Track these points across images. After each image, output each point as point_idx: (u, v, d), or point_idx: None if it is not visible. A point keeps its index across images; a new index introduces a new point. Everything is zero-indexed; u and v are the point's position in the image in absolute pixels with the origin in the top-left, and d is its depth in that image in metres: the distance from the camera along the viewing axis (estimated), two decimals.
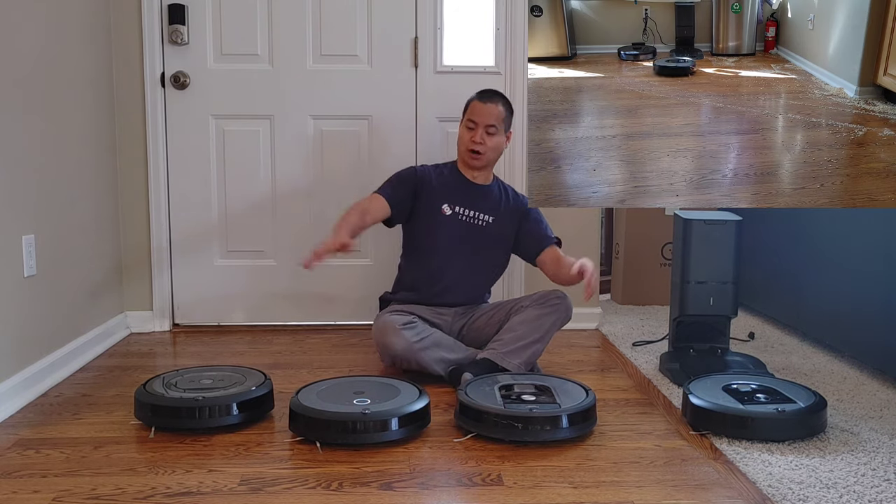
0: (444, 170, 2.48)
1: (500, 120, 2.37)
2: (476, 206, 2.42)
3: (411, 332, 2.20)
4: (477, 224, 2.42)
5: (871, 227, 2.38)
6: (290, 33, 2.82)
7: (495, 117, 2.36)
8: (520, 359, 2.19)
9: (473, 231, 2.41)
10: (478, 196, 2.43)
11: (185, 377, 2.00)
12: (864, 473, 1.62)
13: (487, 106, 2.36)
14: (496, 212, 2.44)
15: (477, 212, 2.42)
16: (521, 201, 2.52)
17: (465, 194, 2.42)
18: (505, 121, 2.39)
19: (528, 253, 2.48)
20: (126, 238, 2.83)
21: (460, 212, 2.40)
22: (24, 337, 2.10)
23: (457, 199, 2.41)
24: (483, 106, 2.36)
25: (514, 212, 2.47)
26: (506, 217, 2.45)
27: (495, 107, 2.36)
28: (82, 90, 2.51)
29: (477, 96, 2.40)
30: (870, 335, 2.35)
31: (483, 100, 2.38)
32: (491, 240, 2.43)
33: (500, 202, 2.46)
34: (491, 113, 2.35)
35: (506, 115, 2.39)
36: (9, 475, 1.60)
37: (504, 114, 2.38)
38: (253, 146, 2.87)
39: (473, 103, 2.39)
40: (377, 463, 1.66)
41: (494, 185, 2.49)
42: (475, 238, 2.41)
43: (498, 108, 2.37)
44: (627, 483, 1.57)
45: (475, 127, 2.36)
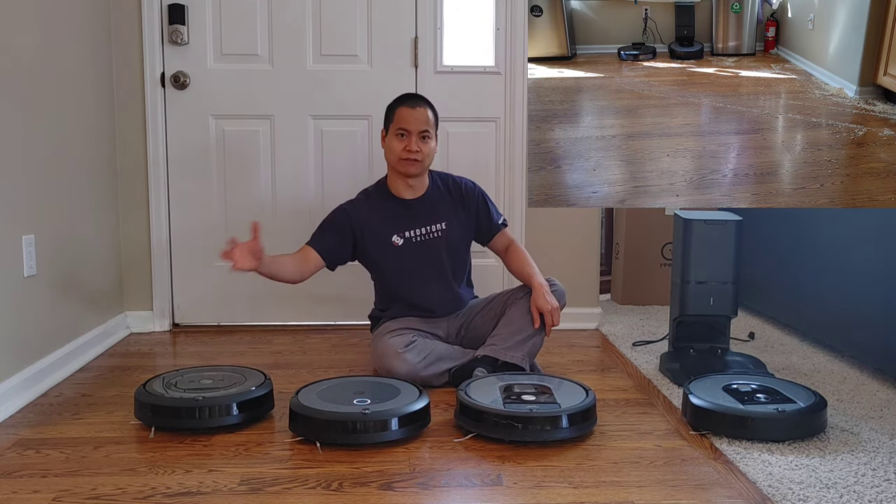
0: (376, 197, 2.35)
1: (431, 124, 2.27)
2: (424, 221, 2.33)
3: (413, 354, 2.16)
4: (433, 237, 2.33)
5: (871, 227, 2.38)
6: (290, 33, 2.82)
7: (427, 122, 2.25)
8: (521, 352, 2.18)
9: (433, 246, 2.33)
10: (421, 211, 2.33)
11: (185, 377, 2.00)
12: (864, 473, 1.62)
13: (417, 111, 2.25)
14: (446, 214, 2.35)
15: (427, 226, 2.33)
16: (465, 188, 2.40)
17: (408, 216, 2.32)
18: (435, 125, 2.30)
19: (479, 240, 2.44)
20: (126, 238, 2.83)
21: (412, 235, 2.31)
22: (24, 337, 2.10)
23: (402, 225, 2.31)
24: (412, 111, 2.24)
25: (463, 204, 2.38)
26: (458, 214, 2.37)
27: (425, 111, 2.26)
28: (82, 90, 2.51)
29: (402, 102, 2.28)
30: (870, 335, 2.35)
31: (411, 105, 2.26)
32: (452, 244, 2.36)
33: (445, 202, 2.37)
34: (422, 118, 2.24)
35: (435, 119, 2.30)
36: (9, 475, 1.60)
37: (433, 118, 2.29)
38: (253, 146, 2.87)
39: (401, 110, 2.26)
40: (377, 463, 1.66)
41: (432, 188, 2.37)
42: (437, 251, 2.34)
43: (427, 113, 2.27)
44: (627, 483, 1.57)
45: (408, 134, 2.24)
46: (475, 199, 2.40)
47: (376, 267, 2.39)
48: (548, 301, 2.21)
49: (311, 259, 2.28)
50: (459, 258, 2.41)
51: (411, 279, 2.34)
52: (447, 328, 2.38)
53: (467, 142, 2.89)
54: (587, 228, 2.97)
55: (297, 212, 2.89)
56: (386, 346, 2.20)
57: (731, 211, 2.54)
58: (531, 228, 2.93)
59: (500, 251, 2.44)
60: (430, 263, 2.34)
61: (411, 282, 2.34)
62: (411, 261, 2.33)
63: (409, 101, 2.29)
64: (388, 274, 2.37)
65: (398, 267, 2.34)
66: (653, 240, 3.44)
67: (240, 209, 2.88)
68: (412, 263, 2.33)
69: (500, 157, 2.90)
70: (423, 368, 2.17)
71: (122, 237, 2.82)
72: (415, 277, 2.34)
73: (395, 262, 2.33)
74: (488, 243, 2.44)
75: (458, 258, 2.40)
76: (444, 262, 2.36)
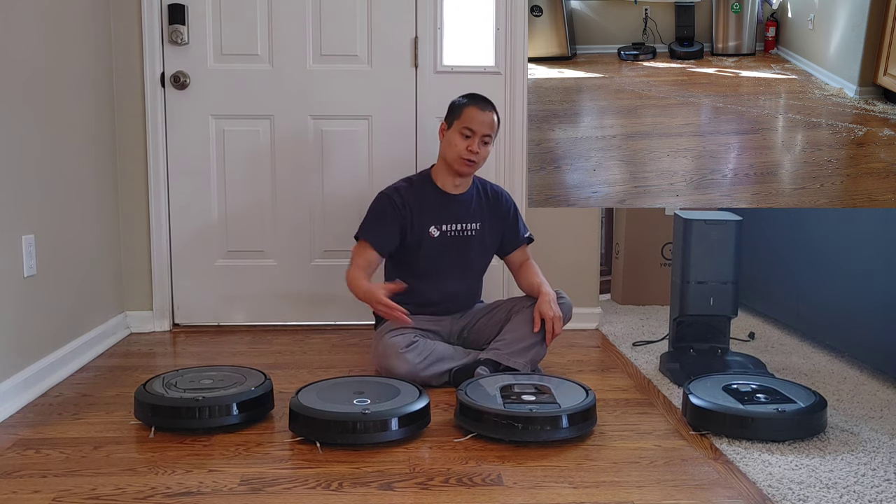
0: (420, 187, 2.37)
1: (494, 130, 2.30)
2: (462, 218, 2.36)
3: (414, 355, 2.17)
4: (465, 235, 2.37)
5: (871, 227, 2.38)
6: (290, 33, 2.82)
7: (491, 127, 2.28)
8: (524, 358, 2.19)
9: (463, 243, 2.36)
10: (462, 207, 2.37)
11: (185, 377, 2.00)
12: (864, 473, 1.62)
13: (486, 114, 2.28)
14: (481, 217, 2.39)
15: (464, 223, 2.36)
16: (502, 198, 2.45)
17: (450, 210, 2.35)
18: (497, 131, 2.35)
19: (501, 251, 2.47)
20: (126, 238, 2.83)
21: (448, 229, 2.35)
22: (24, 337, 2.10)
23: (443, 218, 2.34)
24: (482, 114, 2.27)
25: (497, 212, 2.42)
26: (491, 220, 2.41)
27: (492, 116, 2.29)
28: (82, 90, 2.51)
29: (473, 103, 2.30)
30: (870, 335, 2.35)
31: (482, 107, 2.28)
32: (480, 246, 2.40)
33: (483, 206, 2.40)
34: (489, 122, 2.27)
35: (498, 126, 2.34)
36: (9, 475, 1.60)
37: (497, 124, 2.33)
38: (253, 146, 2.87)
39: (470, 110, 2.28)
40: (377, 463, 1.66)
41: (474, 189, 2.41)
42: (465, 249, 2.37)
43: (494, 118, 2.30)
44: (627, 483, 1.57)
45: (472, 135, 2.26)
46: (508, 209, 2.45)
47: (409, 254, 2.36)
48: (552, 308, 2.21)
49: (374, 259, 2.29)
50: (484, 262, 2.46)
51: (436, 272, 2.36)
52: (450, 328, 2.38)
53: None
54: (587, 228, 2.97)
55: (296, 212, 2.89)
56: (387, 346, 2.20)
57: (731, 211, 2.54)
58: (531, 228, 2.90)
59: (516, 265, 2.45)
60: (458, 259, 2.37)
61: (435, 274, 2.36)
62: (440, 254, 2.35)
63: (480, 102, 2.31)
64: (415, 263, 2.36)
65: (428, 257, 2.35)
66: (653, 240, 3.44)
67: (240, 209, 2.88)
68: (439, 257, 2.35)
69: (500, 157, 2.90)
70: (424, 369, 2.17)
71: (122, 237, 2.82)
72: (440, 270, 2.36)
73: (427, 251, 2.34)
74: (507, 255, 2.46)
75: (483, 261, 2.45)
76: (471, 261, 2.40)
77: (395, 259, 2.40)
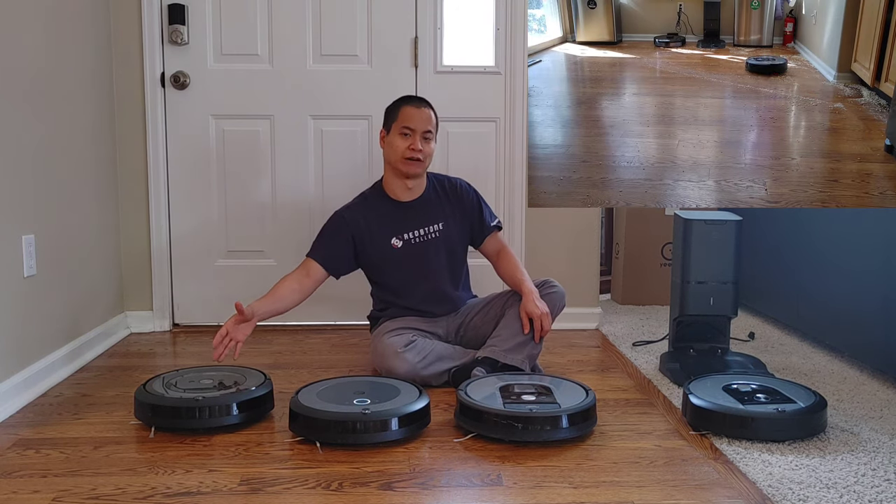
0: (374, 200, 2.35)
1: (433, 126, 2.29)
2: (423, 222, 2.33)
3: (413, 354, 2.17)
4: (430, 239, 2.34)
5: (871, 227, 2.38)
6: (290, 33, 2.82)
7: (430, 122, 2.27)
8: (521, 354, 2.19)
9: (430, 246, 2.34)
10: (420, 212, 2.34)
11: (185, 377, 2.00)
12: (864, 473, 1.62)
13: (422, 111, 2.26)
14: (443, 215, 2.36)
15: (426, 227, 2.33)
16: (462, 189, 2.41)
17: (408, 217, 2.33)
18: (436, 127, 2.32)
19: (472, 242, 2.44)
20: (126, 238, 2.83)
21: (410, 237, 2.32)
22: (24, 337, 2.10)
23: (402, 228, 2.32)
24: (418, 111, 2.26)
25: (459, 205, 2.39)
26: (454, 215, 2.38)
27: (429, 112, 2.28)
28: (82, 90, 2.50)
29: (407, 102, 2.29)
30: (870, 335, 2.35)
31: (417, 105, 2.27)
32: (450, 245, 2.37)
33: (443, 203, 2.38)
34: (426, 118, 2.26)
35: (436, 121, 2.32)
36: (9, 475, 1.60)
37: (436, 120, 2.31)
38: (253, 146, 2.87)
39: (406, 109, 2.26)
40: (377, 463, 1.66)
41: (429, 189, 2.38)
42: (434, 251, 2.35)
43: (431, 114, 2.28)
44: (627, 483, 1.57)
45: (412, 133, 2.24)
46: (469, 199, 2.41)
47: (376, 270, 2.38)
48: (537, 306, 2.20)
49: (313, 272, 2.27)
50: (457, 259, 2.42)
51: (411, 281, 2.34)
52: (446, 327, 2.38)
53: (467, 142, 2.89)
54: (587, 228, 2.97)
55: (296, 212, 2.89)
56: (386, 346, 2.20)
57: (731, 211, 2.54)
58: (531, 228, 2.93)
59: (492, 255, 2.43)
60: (428, 265, 2.34)
61: (411, 283, 2.34)
62: (410, 262, 2.33)
63: (414, 101, 2.31)
64: (387, 276, 2.36)
65: (398, 269, 2.34)
66: (653, 240, 3.44)
67: (240, 209, 2.88)
68: (411, 265, 2.33)
69: (500, 157, 2.90)
70: (423, 368, 2.17)
71: (122, 237, 2.82)
72: (414, 279, 2.34)
73: (394, 264, 2.33)
74: (480, 246, 2.44)
75: (455, 259, 2.41)
76: (442, 262, 2.37)
77: (370, 279, 2.41)
